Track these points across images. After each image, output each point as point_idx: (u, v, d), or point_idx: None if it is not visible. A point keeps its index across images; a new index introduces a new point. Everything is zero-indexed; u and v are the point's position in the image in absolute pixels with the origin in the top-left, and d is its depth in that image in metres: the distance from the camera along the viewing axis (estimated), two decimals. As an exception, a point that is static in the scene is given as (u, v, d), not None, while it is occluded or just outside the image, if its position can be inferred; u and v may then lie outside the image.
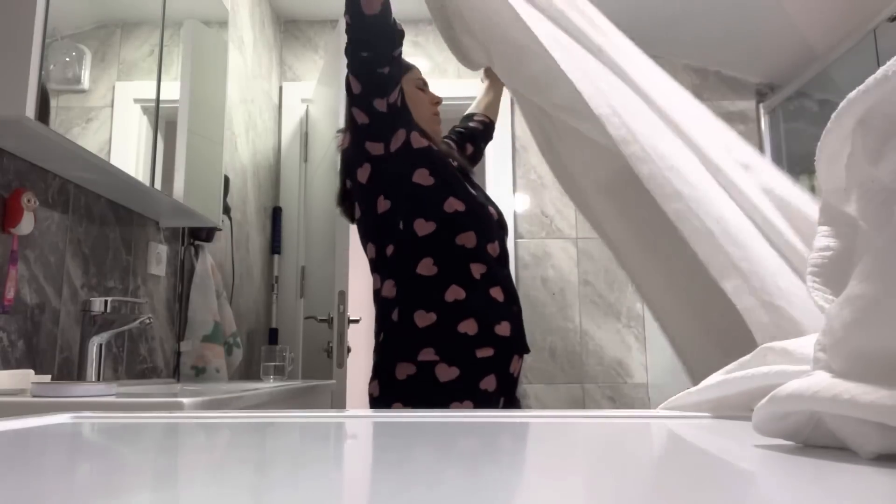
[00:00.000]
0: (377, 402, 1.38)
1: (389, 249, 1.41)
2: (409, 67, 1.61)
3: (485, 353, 1.34)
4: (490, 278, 1.39)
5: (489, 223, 1.46)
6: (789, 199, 1.14)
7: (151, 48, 1.55)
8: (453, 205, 1.39)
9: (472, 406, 1.31)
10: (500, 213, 1.54)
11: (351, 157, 1.48)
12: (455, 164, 1.51)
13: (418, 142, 1.42)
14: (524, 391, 2.96)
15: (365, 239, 1.50)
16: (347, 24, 1.35)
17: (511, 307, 1.43)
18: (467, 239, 1.39)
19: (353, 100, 1.41)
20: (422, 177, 1.40)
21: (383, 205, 1.41)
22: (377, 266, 1.46)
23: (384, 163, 1.41)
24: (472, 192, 1.47)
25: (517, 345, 1.42)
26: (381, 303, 1.43)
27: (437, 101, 1.63)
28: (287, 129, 3.34)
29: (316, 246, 2.94)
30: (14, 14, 1.11)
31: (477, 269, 1.38)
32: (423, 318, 1.34)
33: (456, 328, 1.33)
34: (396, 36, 1.39)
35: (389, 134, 1.40)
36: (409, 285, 1.38)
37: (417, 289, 1.37)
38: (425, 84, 1.64)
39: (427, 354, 1.32)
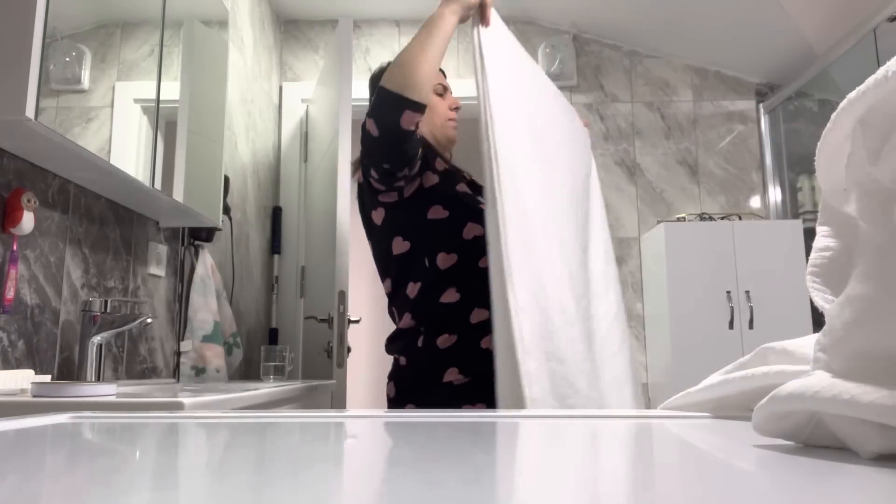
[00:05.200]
0: (393, 402, 1.40)
1: (413, 287, 1.39)
2: None
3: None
4: None
5: None
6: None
7: (151, 48, 1.55)
8: (472, 230, 1.37)
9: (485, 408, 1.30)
10: None
11: (365, 196, 1.45)
12: (465, 181, 1.46)
13: (430, 180, 1.39)
14: None
15: (382, 274, 1.47)
16: (371, 132, 1.28)
17: None
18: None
19: (366, 164, 1.36)
20: (436, 213, 1.38)
21: (402, 246, 1.40)
22: (393, 301, 1.44)
23: (399, 208, 1.39)
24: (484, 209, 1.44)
25: None
26: (401, 332, 1.42)
27: (455, 105, 1.54)
28: (287, 129, 3.34)
29: (316, 246, 2.94)
30: (14, 14, 1.11)
31: None
32: (446, 341, 1.33)
33: (479, 344, 1.33)
34: (415, 156, 1.33)
35: (404, 188, 1.38)
36: (433, 315, 1.36)
37: (442, 317, 1.35)
38: (445, 89, 1.55)
39: (451, 374, 1.32)
